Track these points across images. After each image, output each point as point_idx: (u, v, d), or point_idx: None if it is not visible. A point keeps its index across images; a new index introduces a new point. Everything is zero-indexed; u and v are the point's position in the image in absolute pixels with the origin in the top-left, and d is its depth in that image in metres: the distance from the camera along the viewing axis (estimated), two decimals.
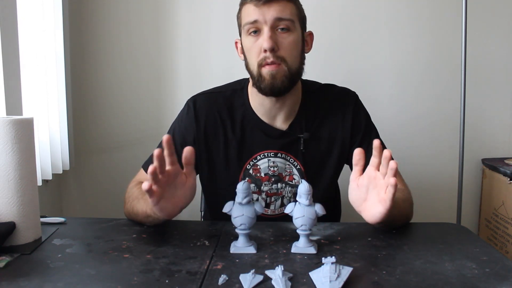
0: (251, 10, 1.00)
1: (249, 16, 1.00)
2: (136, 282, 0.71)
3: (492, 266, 0.77)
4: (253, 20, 1.00)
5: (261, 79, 1.01)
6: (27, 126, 0.85)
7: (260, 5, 0.99)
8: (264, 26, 0.99)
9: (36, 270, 0.75)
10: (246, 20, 1.02)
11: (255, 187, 1.11)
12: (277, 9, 0.99)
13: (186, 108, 1.13)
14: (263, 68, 1.00)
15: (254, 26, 1.00)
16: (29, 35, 1.53)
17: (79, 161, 1.92)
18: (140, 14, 1.93)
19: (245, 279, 0.70)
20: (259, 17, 0.99)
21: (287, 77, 1.01)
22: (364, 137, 1.12)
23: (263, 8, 0.99)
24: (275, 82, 1.00)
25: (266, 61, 0.99)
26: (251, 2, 1.00)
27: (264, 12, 0.99)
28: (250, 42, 1.02)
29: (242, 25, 1.04)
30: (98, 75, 1.95)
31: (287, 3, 1.01)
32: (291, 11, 1.01)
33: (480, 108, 2.01)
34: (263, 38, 0.99)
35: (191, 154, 0.83)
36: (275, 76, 1.00)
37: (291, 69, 1.01)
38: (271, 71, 1.00)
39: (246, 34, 1.03)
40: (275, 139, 1.10)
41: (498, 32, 1.98)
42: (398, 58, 1.97)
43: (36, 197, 0.89)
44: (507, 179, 1.82)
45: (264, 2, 0.98)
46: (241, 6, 1.04)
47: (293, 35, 1.02)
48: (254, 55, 1.01)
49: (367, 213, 0.86)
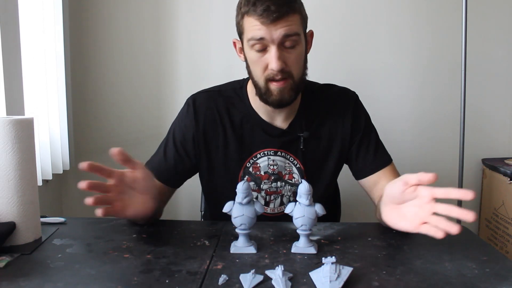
0: (256, 26, 0.95)
1: (255, 32, 0.95)
2: (136, 282, 0.71)
3: (492, 266, 0.77)
4: (259, 38, 0.95)
5: (269, 93, 1.01)
6: (27, 126, 0.85)
7: (267, 24, 0.93)
8: (271, 44, 0.95)
9: (36, 270, 0.75)
10: (250, 35, 0.96)
11: (254, 185, 1.11)
12: (285, 27, 0.94)
13: (186, 106, 1.14)
14: (271, 84, 0.99)
15: (260, 43, 0.96)
16: (29, 35, 1.53)
17: (79, 161, 1.91)
18: (140, 14, 1.93)
19: (245, 279, 0.70)
20: (265, 36, 0.94)
21: (293, 89, 1.01)
22: (363, 137, 1.12)
23: (270, 27, 0.93)
24: (283, 97, 1.00)
25: (274, 78, 0.98)
26: (256, 18, 0.94)
27: (271, 30, 0.94)
28: (256, 57, 0.99)
29: (245, 37, 1.00)
30: (98, 75, 1.95)
31: (293, 16, 0.95)
32: (297, 24, 0.97)
33: (480, 108, 2.01)
34: (270, 56, 0.96)
35: (119, 153, 0.84)
36: (283, 92, 1.00)
37: (297, 81, 1.01)
38: (280, 87, 0.99)
39: (250, 47, 0.99)
40: (275, 138, 1.10)
41: (498, 32, 1.98)
42: (398, 58, 1.97)
43: (36, 197, 0.89)
44: (507, 179, 1.82)
45: (271, 21, 0.93)
46: (244, 16, 0.98)
47: (299, 47, 0.99)
48: (260, 69, 0.99)
49: (390, 215, 0.85)
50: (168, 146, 1.12)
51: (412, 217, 0.79)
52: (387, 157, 1.13)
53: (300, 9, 1.00)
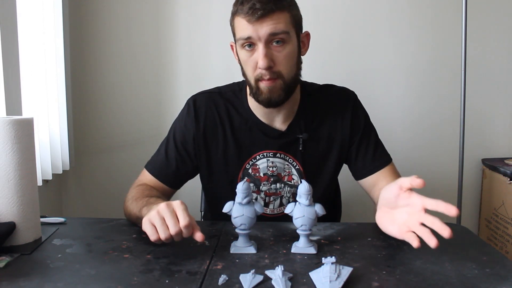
0: (244, 25, 0.96)
1: (242, 31, 0.97)
2: (136, 282, 0.71)
3: (492, 266, 0.77)
4: (246, 37, 0.96)
5: (259, 92, 1.01)
6: (27, 126, 0.85)
7: (252, 21, 0.94)
8: (258, 42, 0.96)
9: (36, 270, 0.75)
10: (239, 35, 0.98)
11: (254, 187, 1.11)
12: (271, 25, 0.95)
13: (186, 107, 1.14)
14: (260, 83, 1.00)
15: (247, 41, 0.97)
16: (29, 35, 1.53)
17: (79, 161, 1.92)
18: (140, 14, 1.93)
19: (245, 279, 0.70)
20: (252, 34, 0.95)
21: (283, 90, 1.01)
22: (362, 137, 1.12)
23: (256, 25, 0.95)
24: (272, 96, 1.01)
25: (262, 77, 0.99)
26: (243, 17, 0.96)
27: (257, 28, 0.95)
28: (246, 56, 1.00)
29: (235, 37, 1.02)
30: (98, 75, 1.95)
31: (280, 13, 0.96)
32: (285, 22, 0.97)
33: (480, 108, 2.01)
34: (258, 54, 0.97)
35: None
36: (272, 91, 1.00)
37: (287, 81, 1.01)
38: (268, 86, 0.99)
39: (240, 47, 1.00)
40: (274, 140, 1.10)
41: (498, 32, 1.98)
42: (398, 59, 1.97)
43: (36, 197, 0.89)
44: (507, 179, 1.82)
45: (257, 18, 0.94)
46: (233, 16, 1.00)
47: (289, 46, 0.99)
48: (250, 69, 1.00)
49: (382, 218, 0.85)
50: (169, 147, 1.12)
51: (401, 224, 0.80)
52: (386, 157, 1.13)
53: (290, 7, 0.99)
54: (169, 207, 0.79)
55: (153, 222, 0.79)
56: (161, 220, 0.78)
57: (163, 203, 0.81)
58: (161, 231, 0.78)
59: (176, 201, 0.81)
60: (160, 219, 0.78)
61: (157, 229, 0.78)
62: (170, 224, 0.78)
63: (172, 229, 0.77)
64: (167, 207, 0.79)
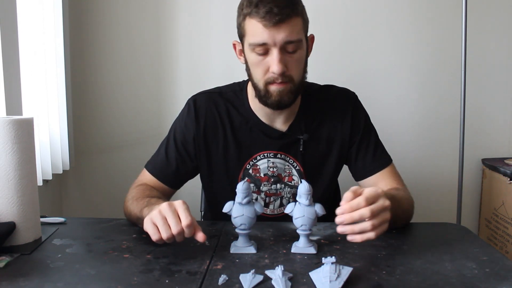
0: (259, 30, 0.94)
1: (257, 35, 0.94)
2: (136, 282, 0.71)
3: (492, 266, 0.77)
4: (261, 42, 0.94)
5: (268, 95, 1.00)
6: (27, 126, 0.85)
7: (269, 27, 0.92)
8: (273, 48, 0.94)
9: (36, 270, 0.75)
10: (252, 40, 0.96)
11: (254, 187, 1.11)
12: (287, 31, 0.93)
13: (186, 107, 1.14)
14: (271, 86, 0.99)
15: (262, 47, 0.95)
16: (29, 35, 1.53)
17: (79, 161, 1.92)
18: (140, 14, 1.93)
19: (245, 279, 0.70)
20: (268, 40, 0.93)
21: (293, 92, 1.01)
22: (363, 137, 1.12)
23: (273, 30, 0.92)
24: (282, 99, 1.00)
25: (274, 81, 0.98)
26: (259, 20, 0.93)
27: (273, 34, 0.93)
28: (256, 59, 0.98)
29: (246, 39, 0.99)
30: (98, 75, 1.95)
31: (296, 19, 0.95)
32: (299, 28, 0.96)
33: (480, 108, 2.01)
34: (272, 59, 0.95)
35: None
36: (282, 93, 0.99)
37: (297, 84, 1.01)
38: (279, 88, 0.99)
39: (251, 50, 0.98)
40: (274, 140, 1.10)
41: (498, 32, 1.98)
42: (398, 59, 1.97)
43: (36, 197, 0.89)
44: (507, 179, 1.82)
45: (274, 24, 0.92)
46: (246, 17, 0.96)
47: (300, 51, 0.98)
48: (261, 72, 0.99)
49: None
50: (170, 147, 1.12)
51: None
52: (386, 158, 1.13)
53: (302, 12, 0.99)
54: (171, 207, 0.79)
55: (155, 221, 0.79)
56: (163, 219, 0.78)
57: (165, 203, 0.80)
58: (163, 230, 0.78)
59: (178, 200, 0.81)
60: (162, 219, 0.78)
61: (159, 229, 0.78)
62: (172, 224, 0.78)
63: (174, 228, 0.77)
64: (169, 207, 0.79)
